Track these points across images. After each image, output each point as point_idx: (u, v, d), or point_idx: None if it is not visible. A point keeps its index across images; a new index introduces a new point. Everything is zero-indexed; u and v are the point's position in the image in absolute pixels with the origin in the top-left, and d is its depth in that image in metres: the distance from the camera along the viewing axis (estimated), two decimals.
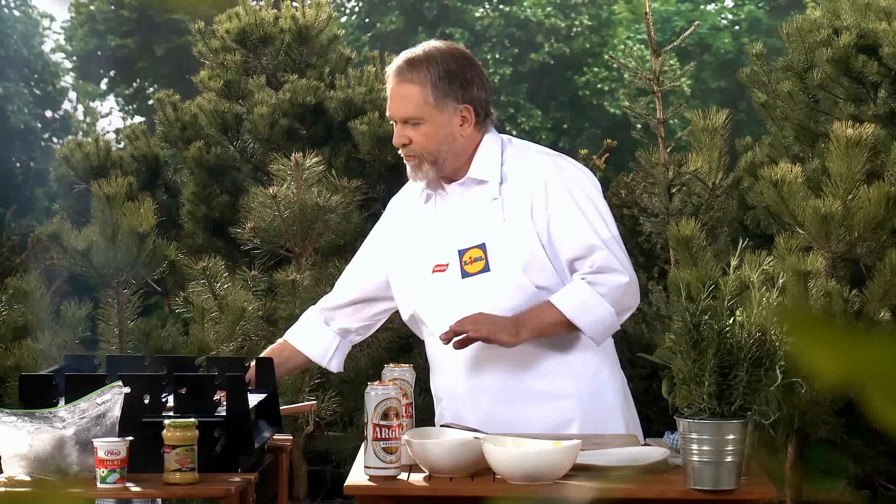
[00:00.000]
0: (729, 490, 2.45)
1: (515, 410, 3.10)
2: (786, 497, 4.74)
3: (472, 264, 3.11)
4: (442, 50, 3.18)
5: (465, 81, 3.16)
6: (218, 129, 6.48)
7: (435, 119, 3.13)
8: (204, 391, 2.92)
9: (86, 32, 24.51)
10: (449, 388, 3.20)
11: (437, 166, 3.16)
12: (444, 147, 3.14)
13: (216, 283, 4.89)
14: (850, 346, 0.76)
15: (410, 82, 3.13)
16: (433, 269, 3.17)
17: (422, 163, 3.16)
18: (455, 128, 3.15)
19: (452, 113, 3.14)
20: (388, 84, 3.20)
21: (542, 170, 3.14)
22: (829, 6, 5.79)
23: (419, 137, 3.14)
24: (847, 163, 4.38)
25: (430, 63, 3.14)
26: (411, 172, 3.20)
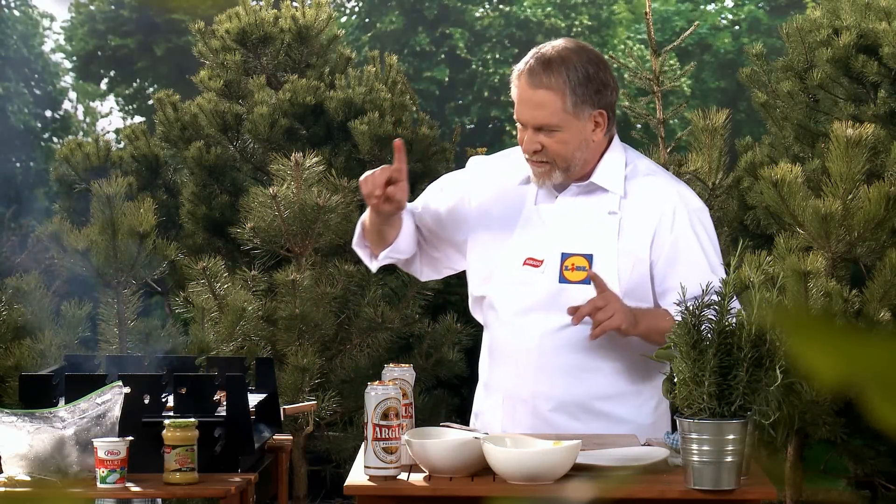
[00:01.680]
0: (729, 490, 2.45)
1: (574, 424, 3.02)
2: (786, 497, 4.74)
3: (574, 272, 3.01)
4: (577, 52, 3.03)
5: (601, 85, 3.02)
6: (218, 129, 6.48)
7: (571, 126, 2.99)
8: (204, 391, 2.92)
9: (86, 32, 24.50)
10: (511, 387, 3.07)
11: (567, 172, 3.04)
12: (577, 154, 3.02)
13: (216, 283, 4.89)
14: (850, 346, 0.76)
15: (547, 88, 2.98)
16: (525, 261, 3.05)
17: (553, 169, 3.03)
18: (588, 133, 3.02)
19: (587, 119, 3.01)
20: (516, 85, 3.04)
21: (671, 198, 3.05)
22: (829, 6, 5.79)
23: (553, 145, 3.00)
24: (847, 163, 4.38)
25: (568, 67, 2.98)
26: (537, 178, 3.06)
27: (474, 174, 3.23)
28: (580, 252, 3.02)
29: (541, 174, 3.05)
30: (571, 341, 3.01)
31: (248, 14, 6.62)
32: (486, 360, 3.18)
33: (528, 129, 3.02)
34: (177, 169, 7.49)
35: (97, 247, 4.61)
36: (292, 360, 4.86)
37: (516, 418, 3.05)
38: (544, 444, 2.59)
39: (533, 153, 3.02)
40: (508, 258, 3.08)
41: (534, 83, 2.99)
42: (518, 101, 3.04)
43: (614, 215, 3.05)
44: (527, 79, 3.01)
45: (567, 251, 3.03)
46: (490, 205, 3.15)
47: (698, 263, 2.99)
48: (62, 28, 26.11)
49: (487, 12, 23.65)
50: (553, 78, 2.98)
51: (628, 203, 3.06)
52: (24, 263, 7.69)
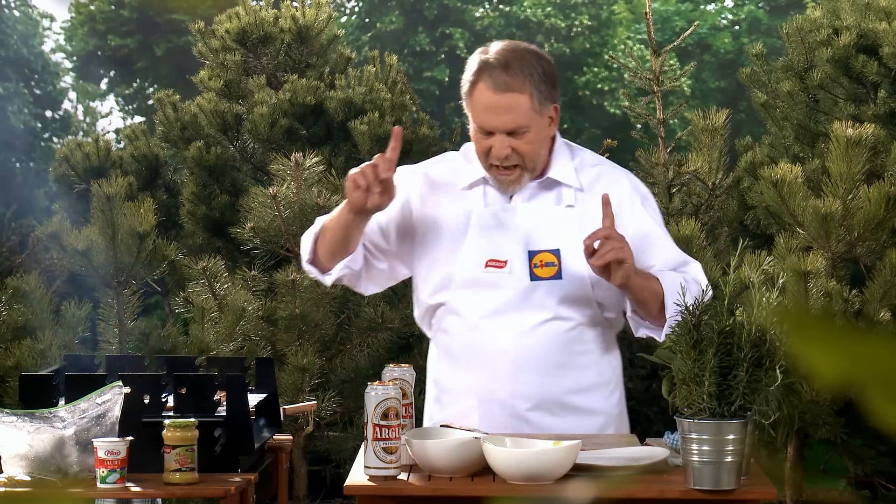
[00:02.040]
0: (729, 490, 2.45)
1: (552, 420, 3.03)
2: (786, 497, 4.74)
3: (543, 268, 3.02)
4: (526, 50, 3.04)
5: (554, 80, 3.05)
6: (218, 129, 6.48)
7: (537, 124, 3.00)
8: (204, 391, 2.92)
9: (86, 32, 24.51)
10: (486, 390, 3.05)
11: (532, 173, 3.05)
12: (542, 151, 3.05)
13: (216, 283, 4.89)
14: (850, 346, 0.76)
15: (514, 90, 2.96)
16: (486, 263, 3.04)
17: (522, 173, 3.02)
18: (547, 130, 3.05)
19: (547, 114, 3.03)
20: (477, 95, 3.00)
21: (623, 186, 3.09)
22: (829, 6, 5.79)
23: (523, 146, 2.99)
24: (847, 163, 4.38)
25: (526, 66, 2.99)
26: (506, 186, 3.04)
27: (409, 183, 3.17)
28: (547, 248, 3.03)
29: (510, 181, 3.03)
30: (546, 339, 3.02)
31: (248, 14, 6.62)
32: (447, 366, 3.15)
33: (495, 137, 2.99)
34: (177, 169, 7.49)
35: (97, 247, 4.62)
36: (292, 360, 4.86)
37: (493, 420, 3.03)
38: (544, 444, 2.59)
39: (504, 158, 2.99)
40: (467, 262, 3.06)
41: (499, 88, 2.97)
42: (482, 110, 2.99)
43: (572, 208, 3.06)
44: (490, 85, 2.97)
45: (533, 248, 3.03)
46: (435, 212, 3.13)
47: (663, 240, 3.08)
48: (62, 28, 26.12)
49: (487, 12, 23.66)
50: (517, 79, 2.97)
51: (583, 195, 3.08)
52: (24, 263, 7.69)
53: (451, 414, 3.11)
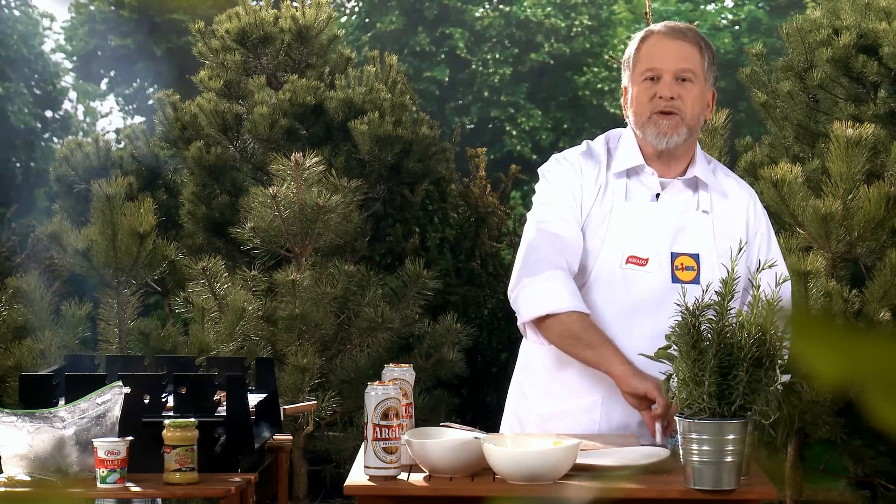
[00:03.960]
0: (729, 490, 2.45)
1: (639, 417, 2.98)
2: (786, 497, 4.74)
3: (684, 271, 3.01)
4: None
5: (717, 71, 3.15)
6: (218, 129, 6.48)
7: (702, 85, 3.07)
8: (204, 391, 2.92)
9: (86, 32, 24.51)
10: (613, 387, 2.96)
11: (690, 133, 3.06)
12: (701, 118, 3.09)
13: (216, 283, 4.89)
14: (850, 346, 0.76)
15: (693, 44, 3.08)
16: (627, 260, 3.02)
17: (680, 123, 3.04)
18: (706, 106, 3.12)
19: (708, 91, 3.11)
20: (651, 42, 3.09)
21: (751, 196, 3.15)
22: (829, 6, 5.79)
23: (688, 96, 3.04)
24: (847, 163, 4.38)
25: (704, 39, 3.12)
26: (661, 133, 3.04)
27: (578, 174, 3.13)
28: (688, 252, 3.03)
29: (668, 126, 3.04)
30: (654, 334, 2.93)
31: (248, 14, 6.62)
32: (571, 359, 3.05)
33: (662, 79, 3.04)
34: (177, 169, 7.49)
35: (97, 247, 4.62)
36: (292, 360, 4.86)
37: (613, 418, 3.02)
38: (544, 444, 2.59)
39: (668, 100, 3.03)
40: (608, 257, 3.04)
41: (676, 37, 3.09)
42: (652, 53, 3.07)
43: (707, 214, 3.08)
44: (664, 34, 3.10)
45: (676, 250, 3.03)
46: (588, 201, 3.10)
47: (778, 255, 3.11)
48: (62, 28, 26.11)
49: (487, 12, 23.66)
50: (696, 40, 3.10)
51: (718, 202, 3.10)
52: (24, 263, 7.69)
53: (570, 408, 3.08)
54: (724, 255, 2.99)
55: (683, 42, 3.07)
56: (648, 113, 3.05)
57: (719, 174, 3.16)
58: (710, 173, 3.12)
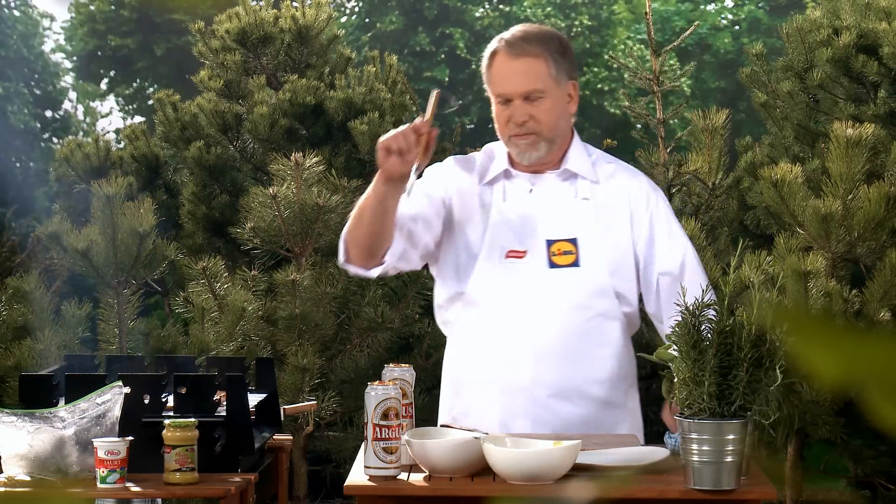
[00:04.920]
0: (729, 490, 2.45)
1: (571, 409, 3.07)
2: (786, 497, 4.74)
3: (561, 256, 3.07)
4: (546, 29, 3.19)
5: (573, 59, 3.16)
6: (218, 129, 6.48)
7: (554, 93, 3.09)
8: (204, 391, 2.92)
9: (86, 32, 24.51)
10: (509, 379, 3.07)
11: (551, 145, 3.11)
12: (561, 123, 3.12)
13: (216, 283, 4.89)
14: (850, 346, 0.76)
15: (531, 56, 3.08)
16: (506, 255, 3.10)
17: (538, 141, 3.09)
18: (566, 105, 3.13)
19: (565, 88, 3.12)
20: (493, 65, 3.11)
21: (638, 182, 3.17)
22: (829, 6, 5.79)
23: (540, 113, 3.08)
24: (847, 163, 4.38)
25: (546, 38, 3.12)
26: (521, 152, 3.11)
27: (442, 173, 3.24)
28: (564, 237, 3.09)
29: (526, 146, 3.10)
30: (565, 327, 3.06)
31: (248, 14, 6.62)
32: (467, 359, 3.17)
33: (512, 102, 3.08)
34: (177, 169, 7.49)
35: (97, 247, 4.62)
36: (292, 360, 4.86)
37: (514, 409, 3.07)
38: (544, 444, 2.59)
39: (521, 124, 3.07)
40: (487, 254, 3.12)
41: (516, 54, 3.09)
42: (500, 77, 3.10)
43: (587, 201, 3.12)
44: (507, 52, 3.09)
45: (551, 238, 3.09)
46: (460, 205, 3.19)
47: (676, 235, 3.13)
48: (62, 28, 26.12)
49: (487, 12, 23.66)
50: (535, 46, 3.09)
51: (599, 188, 3.14)
52: (24, 263, 7.69)
53: (472, 405, 3.13)
54: (607, 237, 3.08)
55: (526, 59, 3.08)
56: (508, 135, 3.12)
57: (600, 163, 3.19)
58: (588, 163, 3.16)
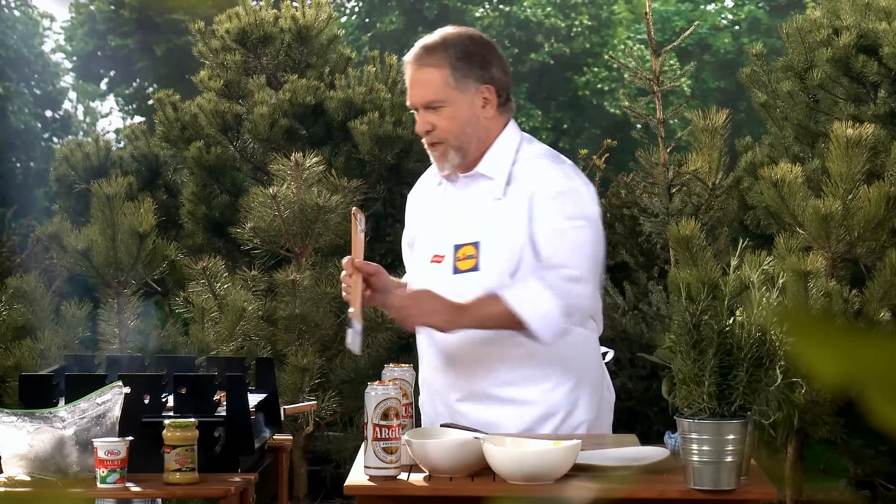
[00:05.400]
0: (729, 490, 2.45)
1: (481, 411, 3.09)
2: (786, 497, 4.74)
3: (465, 261, 3.09)
4: (458, 32, 3.16)
5: (485, 61, 3.12)
6: (218, 129, 6.48)
7: (457, 101, 3.09)
8: (204, 391, 2.92)
9: (86, 32, 24.51)
10: (428, 380, 3.20)
11: (462, 152, 3.11)
12: (468, 130, 3.10)
13: (216, 283, 4.89)
14: (850, 346, 0.76)
15: (429, 66, 3.09)
16: (431, 259, 3.16)
17: (447, 150, 3.10)
18: (478, 110, 3.11)
19: (474, 94, 3.10)
20: (406, 74, 3.16)
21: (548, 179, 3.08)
22: (829, 6, 5.79)
23: (442, 122, 3.09)
24: (847, 163, 4.38)
25: (447, 45, 3.10)
26: (437, 162, 3.15)
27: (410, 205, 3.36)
28: (468, 241, 3.10)
29: (438, 157, 3.13)
30: (471, 333, 3.07)
31: (248, 14, 6.62)
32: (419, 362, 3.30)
33: (419, 113, 3.13)
34: (177, 169, 7.49)
35: (97, 247, 4.61)
36: (292, 360, 4.86)
37: (438, 410, 3.15)
38: (544, 444, 2.59)
39: (425, 133, 3.11)
40: (421, 259, 3.21)
41: (418, 65, 3.11)
42: (410, 87, 3.15)
43: (499, 201, 3.10)
44: (412, 63, 3.13)
45: (458, 242, 3.11)
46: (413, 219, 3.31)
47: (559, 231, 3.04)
48: (62, 28, 26.11)
49: (487, 12, 23.66)
50: (434, 56, 3.09)
51: (511, 188, 3.11)
52: (24, 263, 7.69)
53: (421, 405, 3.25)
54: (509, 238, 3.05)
55: (424, 69, 3.09)
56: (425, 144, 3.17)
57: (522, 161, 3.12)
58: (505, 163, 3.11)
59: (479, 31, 3.24)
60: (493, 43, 3.21)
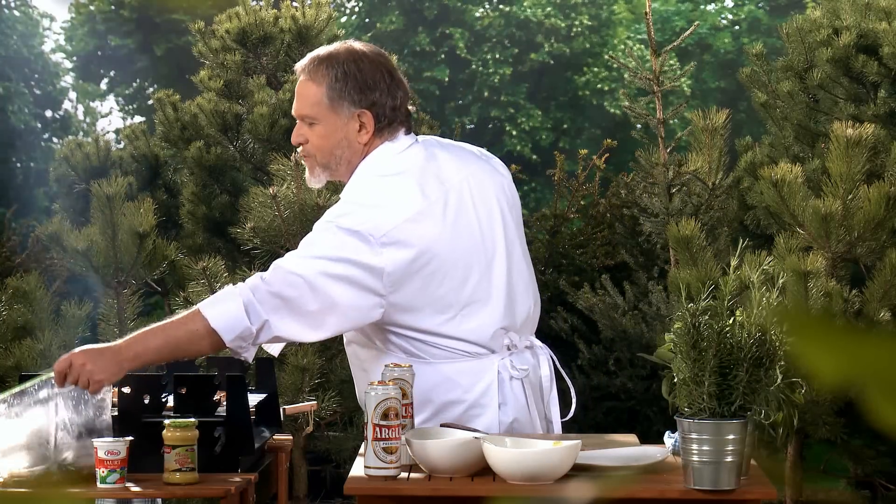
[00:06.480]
0: (729, 490, 2.45)
1: None
2: (786, 497, 4.74)
3: None
4: (349, 50, 3.06)
5: (366, 86, 3.02)
6: (218, 129, 6.48)
7: (329, 121, 3.03)
8: (204, 391, 2.92)
9: (86, 32, 24.51)
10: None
11: (329, 170, 3.07)
12: (337, 151, 3.04)
13: (216, 283, 4.89)
14: (850, 346, 0.76)
15: (310, 80, 3.05)
16: None
17: (314, 165, 3.08)
18: (351, 133, 3.02)
19: (349, 117, 3.02)
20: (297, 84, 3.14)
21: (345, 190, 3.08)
22: (829, 6, 5.80)
23: (314, 138, 3.05)
24: (847, 163, 4.38)
25: (331, 63, 3.03)
26: (307, 176, 3.12)
27: None
28: None
29: (308, 169, 3.12)
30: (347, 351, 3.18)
31: (248, 14, 6.62)
32: None
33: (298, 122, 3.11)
34: (177, 169, 7.49)
35: (97, 247, 4.62)
36: (292, 360, 4.86)
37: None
38: (544, 444, 2.59)
39: (298, 144, 3.10)
40: None
41: (303, 76, 3.08)
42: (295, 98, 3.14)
43: None
44: (299, 72, 3.10)
45: None
46: None
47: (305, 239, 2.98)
48: (62, 28, 26.11)
49: (487, 12, 23.66)
50: (316, 72, 3.05)
51: None
52: (24, 263, 7.69)
53: None
54: None
55: (305, 83, 3.06)
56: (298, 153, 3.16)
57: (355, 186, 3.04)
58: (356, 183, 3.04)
59: (376, 50, 3.12)
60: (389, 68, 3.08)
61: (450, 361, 3.01)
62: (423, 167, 3.04)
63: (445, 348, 3.00)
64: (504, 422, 3.03)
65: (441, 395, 3.01)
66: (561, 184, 7.16)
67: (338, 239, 2.88)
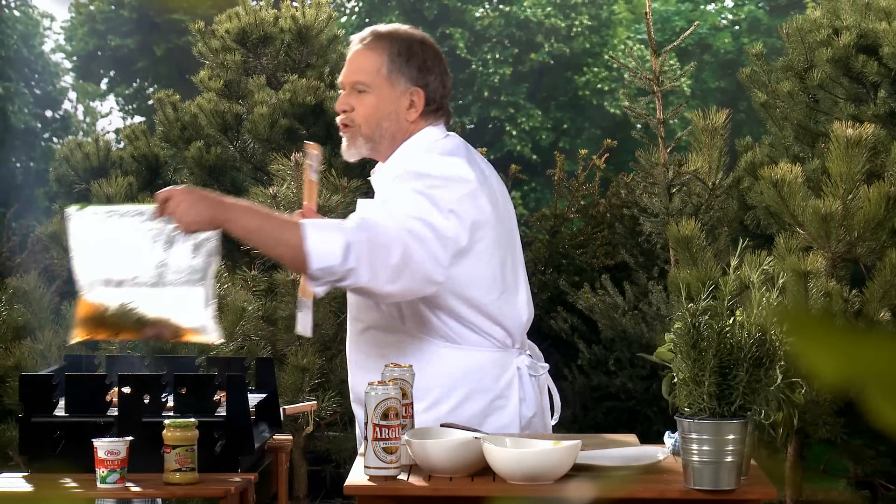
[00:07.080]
0: (729, 490, 2.45)
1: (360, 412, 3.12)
2: (786, 497, 4.74)
3: None
4: (411, 32, 3.12)
5: (424, 66, 3.06)
6: (218, 129, 6.48)
7: (383, 91, 3.03)
8: (204, 391, 2.92)
9: (86, 32, 24.52)
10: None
11: (372, 143, 3.05)
12: (385, 123, 3.04)
13: (216, 283, 4.89)
14: (850, 346, 0.76)
15: (370, 49, 3.04)
16: None
17: (356, 136, 3.05)
18: (402, 109, 3.04)
19: (402, 92, 3.03)
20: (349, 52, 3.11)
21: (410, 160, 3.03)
22: (829, 6, 5.80)
23: (361, 107, 3.03)
24: (847, 163, 4.38)
25: (393, 38, 3.06)
26: (344, 146, 3.09)
27: None
28: None
29: (347, 140, 3.08)
30: (351, 336, 3.13)
31: (248, 14, 6.62)
32: None
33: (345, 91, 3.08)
34: (177, 169, 7.48)
35: None
36: (292, 360, 4.87)
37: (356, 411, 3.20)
38: (544, 444, 2.59)
39: (342, 112, 3.06)
40: None
41: (360, 45, 3.07)
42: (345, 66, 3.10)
43: None
44: (356, 42, 3.09)
45: None
46: None
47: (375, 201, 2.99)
48: (62, 28, 26.11)
49: (487, 12, 23.66)
50: (377, 42, 3.05)
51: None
52: (24, 263, 7.69)
53: None
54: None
55: (364, 51, 3.05)
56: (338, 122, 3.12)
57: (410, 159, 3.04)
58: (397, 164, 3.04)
59: (432, 40, 3.18)
60: (443, 57, 3.16)
61: (480, 349, 3.04)
62: (468, 152, 3.10)
63: (482, 333, 3.03)
64: (525, 415, 3.08)
65: (472, 383, 3.03)
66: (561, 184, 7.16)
67: (417, 200, 2.90)
